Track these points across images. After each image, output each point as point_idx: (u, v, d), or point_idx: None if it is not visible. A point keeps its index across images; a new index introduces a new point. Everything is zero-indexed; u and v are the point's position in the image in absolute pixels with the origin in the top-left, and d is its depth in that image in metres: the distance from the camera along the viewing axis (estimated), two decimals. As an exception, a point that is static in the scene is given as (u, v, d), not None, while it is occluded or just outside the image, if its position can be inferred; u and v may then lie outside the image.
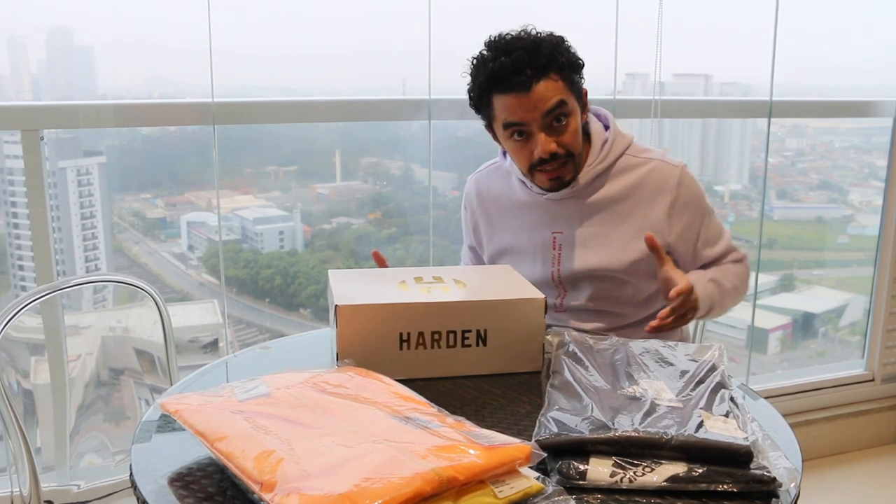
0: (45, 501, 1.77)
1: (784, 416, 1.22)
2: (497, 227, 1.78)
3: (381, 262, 1.64)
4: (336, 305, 1.25)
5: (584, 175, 1.63)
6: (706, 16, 2.72)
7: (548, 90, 1.52)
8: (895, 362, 3.08)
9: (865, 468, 2.91)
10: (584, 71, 1.62)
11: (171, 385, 1.73)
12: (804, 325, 3.49)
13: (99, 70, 2.34)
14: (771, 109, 2.71)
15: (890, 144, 2.90)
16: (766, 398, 1.29)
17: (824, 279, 3.58)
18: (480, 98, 1.60)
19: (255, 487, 0.83)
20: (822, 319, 3.51)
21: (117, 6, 2.19)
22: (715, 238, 1.71)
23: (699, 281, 1.58)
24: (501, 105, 1.55)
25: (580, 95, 1.61)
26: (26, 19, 2.16)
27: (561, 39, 1.57)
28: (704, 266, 1.71)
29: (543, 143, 1.54)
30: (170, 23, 2.21)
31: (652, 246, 1.54)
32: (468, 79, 1.62)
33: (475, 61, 1.59)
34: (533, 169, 1.59)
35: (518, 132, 1.56)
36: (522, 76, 1.50)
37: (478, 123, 2.60)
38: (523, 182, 1.70)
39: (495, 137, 1.67)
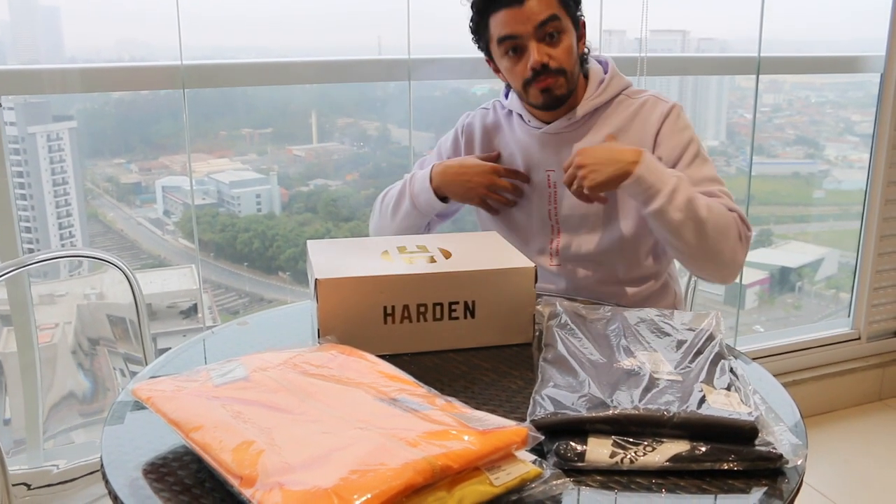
0: (22, 484, 1.71)
1: (772, 376, 1.19)
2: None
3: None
4: (316, 279, 1.19)
5: (582, 107, 1.63)
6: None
7: (541, 4, 1.52)
8: (881, 320, 3.07)
9: (852, 426, 2.91)
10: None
11: (146, 361, 1.67)
12: (781, 279, 3.49)
13: (65, 32, 2.26)
14: (759, 66, 2.66)
15: (877, 101, 2.85)
16: (753, 360, 1.25)
17: (801, 234, 3.57)
18: (479, 22, 1.61)
19: (235, 482, 0.77)
20: (799, 274, 3.51)
21: (82, -35, 2.10)
22: (703, 169, 1.58)
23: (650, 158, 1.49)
24: (496, 22, 1.56)
25: (576, 21, 1.61)
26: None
27: None
28: None
29: (536, 53, 1.53)
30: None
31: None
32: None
33: None
34: (527, 85, 1.58)
35: (512, 48, 1.56)
36: None
37: (455, 83, 2.53)
38: (521, 117, 1.70)
39: (496, 69, 1.67)
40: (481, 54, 1.71)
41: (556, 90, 1.57)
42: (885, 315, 3.06)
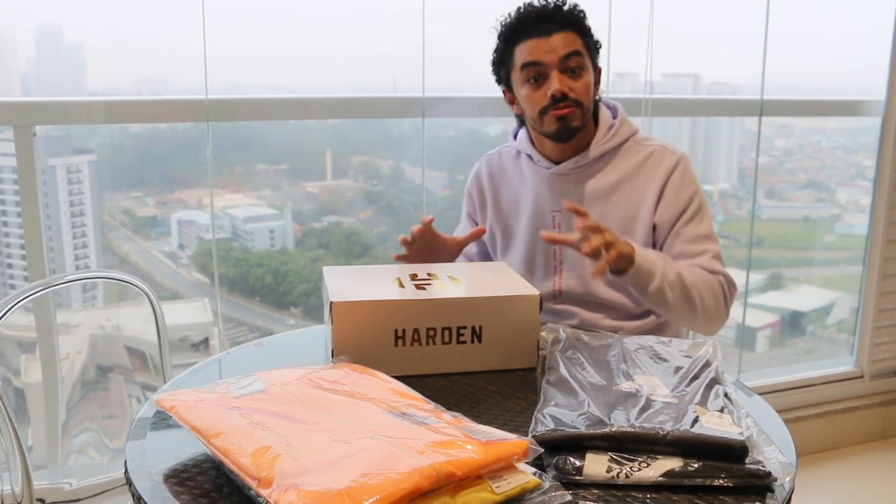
0: (37, 500, 1.76)
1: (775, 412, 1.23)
2: (503, 205, 1.81)
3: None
4: (332, 302, 1.25)
5: (592, 151, 1.69)
6: (695, 17, 2.74)
7: (566, 39, 1.61)
8: (884, 359, 3.10)
9: (854, 464, 2.92)
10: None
11: (165, 382, 1.72)
12: (792, 323, 3.50)
13: (89, 68, 2.33)
14: (762, 108, 2.73)
15: (878, 143, 2.92)
16: (758, 395, 1.29)
17: (812, 278, 3.59)
18: (504, 51, 1.68)
19: (253, 483, 0.83)
20: (810, 318, 3.53)
21: (108, 4, 2.18)
22: (700, 226, 1.66)
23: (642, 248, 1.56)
24: (522, 50, 1.63)
25: (595, 64, 1.69)
26: (15, 16, 2.14)
27: (584, 13, 1.67)
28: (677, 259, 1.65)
29: (558, 81, 1.60)
30: (160, 21, 2.21)
31: (552, 240, 1.55)
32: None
33: (504, 18, 1.68)
34: (544, 112, 1.64)
35: (534, 77, 1.63)
36: (546, 24, 1.61)
37: (468, 121, 2.58)
38: (530, 157, 1.75)
39: (510, 100, 1.73)
40: (494, 94, 1.77)
41: (572, 120, 1.63)
42: (888, 354, 3.09)
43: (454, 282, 1.39)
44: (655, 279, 1.52)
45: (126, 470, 0.98)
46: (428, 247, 1.67)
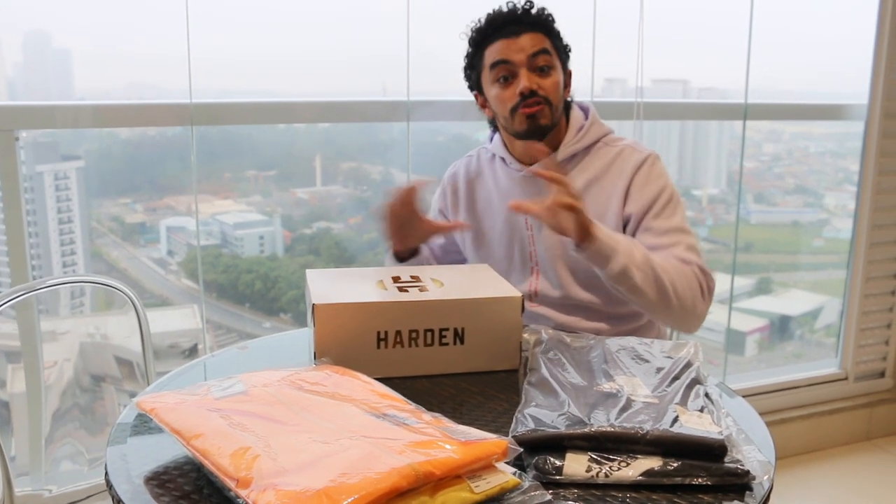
0: (19, 506, 1.76)
1: (759, 414, 1.23)
2: (477, 206, 1.82)
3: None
4: (313, 304, 1.25)
5: (561, 152, 1.70)
6: (684, 23, 2.76)
7: (535, 39, 1.65)
8: (868, 361, 3.12)
9: (838, 465, 2.94)
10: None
11: (150, 382, 1.72)
12: (781, 327, 3.52)
13: (76, 73, 2.33)
14: (746, 112, 2.75)
15: (861, 148, 2.94)
16: (742, 397, 1.30)
17: (800, 282, 3.61)
18: (474, 55, 1.71)
19: (231, 484, 0.83)
20: (799, 322, 3.54)
21: (95, 10, 2.18)
22: (671, 220, 1.62)
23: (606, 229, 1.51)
24: (492, 51, 1.67)
25: (564, 66, 1.71)
26: (2, 21, 2.14)
27: (552, 17, 1.70)
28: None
29: (526, 79, 1.63)
30: (148, 27, 2.21)
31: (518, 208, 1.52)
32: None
33: (474, 23, 1.71)
34: (514, 111, 1.65)
35: (503, 76, 1.66)
36: (514, 26, 1.65)
37: (457, 127, 2.59)
38: (503, 160, 1.77)
39: (482, 104, 1.76)
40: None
41: (541, 119, 1.64)
42: (871, 356, 3.11)
43: (437, 284, 1.40)
44: (618, 256, 1.48)
45: (106, 474, 0.98)
46: (407, 214, 1.65)
